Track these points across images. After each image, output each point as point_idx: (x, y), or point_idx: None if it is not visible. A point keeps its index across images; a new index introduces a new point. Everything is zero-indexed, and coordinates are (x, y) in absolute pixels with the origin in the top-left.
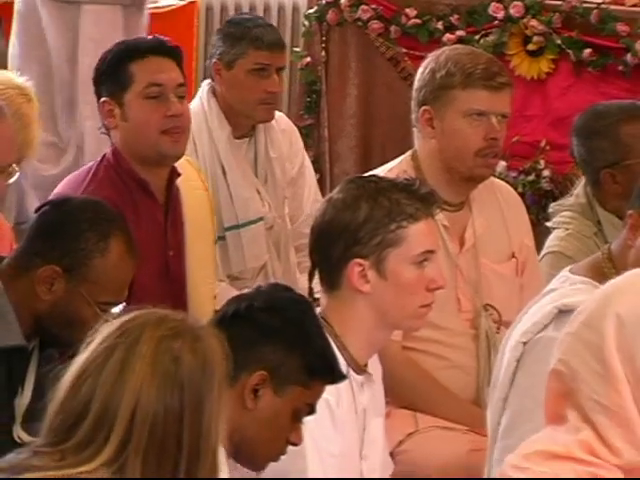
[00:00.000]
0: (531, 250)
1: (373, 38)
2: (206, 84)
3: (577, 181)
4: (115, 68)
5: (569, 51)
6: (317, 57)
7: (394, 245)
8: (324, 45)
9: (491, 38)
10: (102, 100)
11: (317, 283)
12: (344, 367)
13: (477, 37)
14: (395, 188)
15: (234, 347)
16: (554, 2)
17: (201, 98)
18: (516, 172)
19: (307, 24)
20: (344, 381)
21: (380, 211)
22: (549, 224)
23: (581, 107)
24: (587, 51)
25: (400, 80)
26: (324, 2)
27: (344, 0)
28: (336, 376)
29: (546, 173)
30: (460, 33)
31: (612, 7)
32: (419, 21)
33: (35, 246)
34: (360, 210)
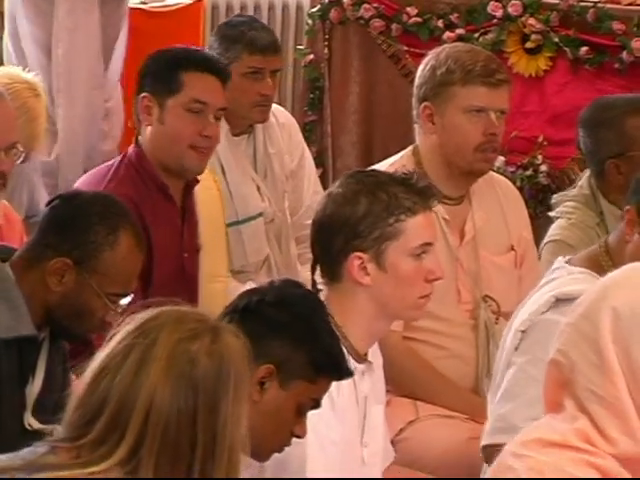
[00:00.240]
0: (529, 243)
1: (375, 36)
2: None
3: (574, 176)
4: (168, 70)
5: (566, 49)
6: (320, 54)
7: (393, 238)
8: (327, 43)
9: (490, 36)
10: (143, 95)
11: (319, 274)
12: (345, 356)
13: (476, 35)
14: (393, 182)
15: None
16: (552, 1)
17: None
18: (514, 167)
19: (310, 22)
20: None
21: (379, 205)
22: (552, 214)
23: (578, 104)
24: (584, 49)
25: (401, 77)
26: (327, 1)
27: None
28: (342, 373)
29: (543, 168)
30: (460, 31)
31: (608, 6)
32: (420, 19)
33: (46, 239)
34: (359, 204)
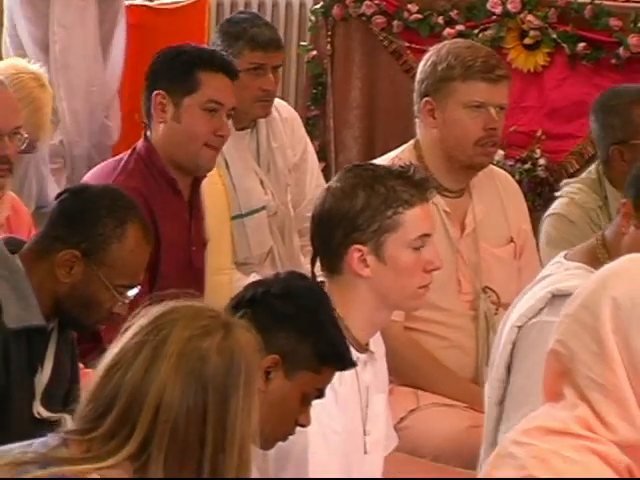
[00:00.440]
0: (528, 235)
1: (376, 32)
2: None
3: (572, 169)
4: (184, 69)
5: (564, 45)
6: (323, 51)
7: (391, 230)
8: (329, 39)
9: (489, 32)
10: (156, 92)
11: (318, 267)
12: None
13: (476, 31)
14: (391, 175)
15: None
16: None
17: None
18: (513, 161)
19: (313, 19)
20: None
21: (377, 198)
22: (557, 194)
23: (576, 99)
24: (581, 45)
25: (402, 73)
26: None
27: None
28: (346, 364)
29: (542, 162)
30: (460, 28)
31: (605, 2)
32: (420, 16)
33: (55, 231)
34: (357, 198)
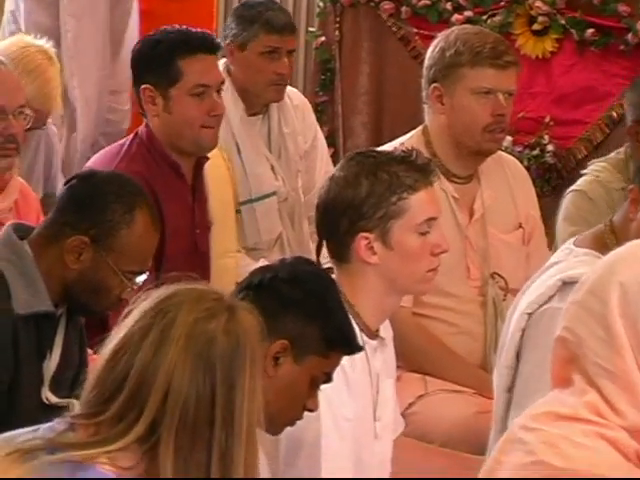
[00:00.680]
0: (537, 220)
1: (385, 18)
2: (221, 63)
3: (580, 155)
4: (163, 61)
5: (572, 31)
6: (331, 37)
7: (397, 216)
8: (338, 25)
9: (498, 18)
10: (144, 87)
11: (324, 256)
12: (358, 333)
13: (484, 17)
14: (393, 161)
15: None
16: None
17: None
18: (521, 147)
19: (322, 5)
20: (361, 352)
21: (381, 185)
22: (583, 171)
23: (584, 85)
24: (590, 31)
25: (410, 59)
26: None
27: None
28: (353, 348)
29: (550, 148)
30: (468, 13)
31: None
32: (429, 2)
33: (64, 217)
34: (361, 186)
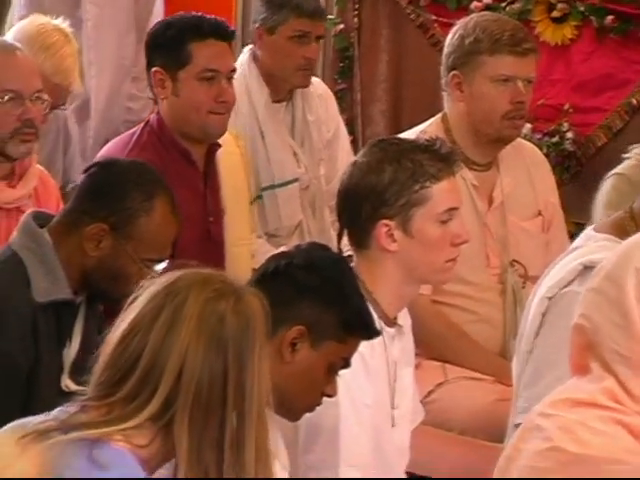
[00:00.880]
0: (556, 208)
1: (404, 6)
2: (247, 50)
3: (599, 143)
4: (174, 43)
5: (592, 18)
6: (350, 24)
7: (419, 205)
8: (357, 12)
9: (517, 5)
10: (154, 69)
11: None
12: (376, 320)
13: (503, 4)
14: (417, 149)
15: (274, 303)
16: None
17: (242, 63)
18: (540, 134)
19: None
20: (379, 338)
21: (404, 173)
22: (625, 155)
23: (603, 72)
24: (609, 18)
25: (429, 46)
26: None
27: None
28: (371, 332)
29: (569, 135)
30: (487, 1)
31: None
32: None
33: (83, 205)
34: (385, 173)
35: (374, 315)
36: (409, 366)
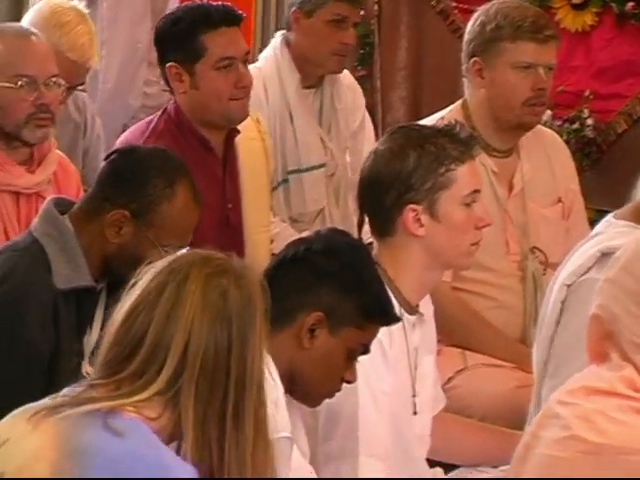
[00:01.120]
0: (577, 194)
1: None
2: (279, 35)
3: (620, 129)
4: (186, 38)
5: (612, 4)
6: (370, 11)
7: (445, 188)
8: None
9: None
10: (169, 65)
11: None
12: (397, 308)
13: None
14: (438, 134)
15: (292, 288)
16: None
17: (274, 48)
18: (561, 121)
19: None
20: (398, 323)
21: (428, 157)
22: None
23: (624, 58)
24: (630, 4)
25: (449, 33)
26: None
27: None
28: (390, 319)
29: (590, 122)
30: None
31: None
32: None
33: (105, 191)
34: (409, 158)
35: (395, 302)
36: (430, 354)
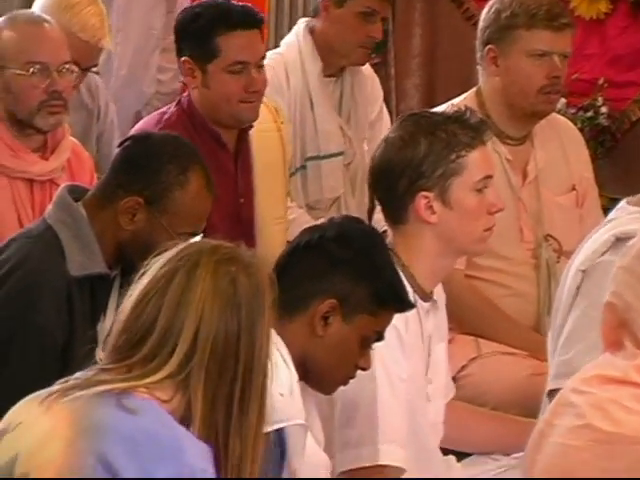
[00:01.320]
0: (590, 182)
1: None
2: (303, 22)
3: (634, 117)
4: (203, 36)
5: None
6: None
7: (456, 174)
8: None
9: None
10: (184, 59)
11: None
12: (411, 295)
13: None
14: (449, 120)
15: (306, 276)
16: None
17: (297, 34)
18: (575, 109)
19: None
20: (413, 310)
21: (439, 144)
22: None
23: (638, 46)
24: None
25: (464, 20)
26: None
27: None
28: (404, 305)
29: (604, 110)
30: None
31: None
32: None
33: (118, 179)
34: (420, 145)
35: (409, 289)
36: (442, 341)
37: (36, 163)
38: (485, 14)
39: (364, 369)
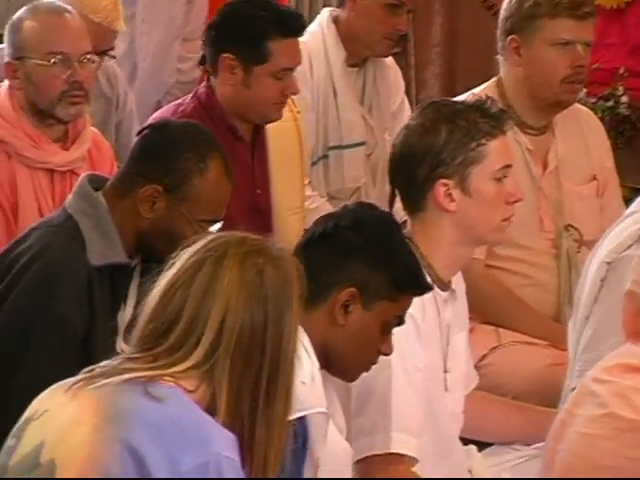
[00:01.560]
0: (611, 172)
1: None
2: (326, 11)
3: None
4: (256, 39)
5: None
6: None
7: (476, 163)
8: None
9: None
10: (225, 55)
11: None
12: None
13: None
14: (469, 109)
15: (323, 266)
16: None
17: (320, 23)
18: (595, 98)
19: None
20: (430, 292)
21: (460, 132)
22: None
23: None
24: None
25: (484, 9)
26: None
27: None
28: (423, 288)
29: (624, 99)
30: None
31: None
32: None
33: (137, 167)
34: (440, 133)
35: (427, 278)
36: (462, 330)
37: (57, 153)
38: (507, 4)
39: (386, 354)
